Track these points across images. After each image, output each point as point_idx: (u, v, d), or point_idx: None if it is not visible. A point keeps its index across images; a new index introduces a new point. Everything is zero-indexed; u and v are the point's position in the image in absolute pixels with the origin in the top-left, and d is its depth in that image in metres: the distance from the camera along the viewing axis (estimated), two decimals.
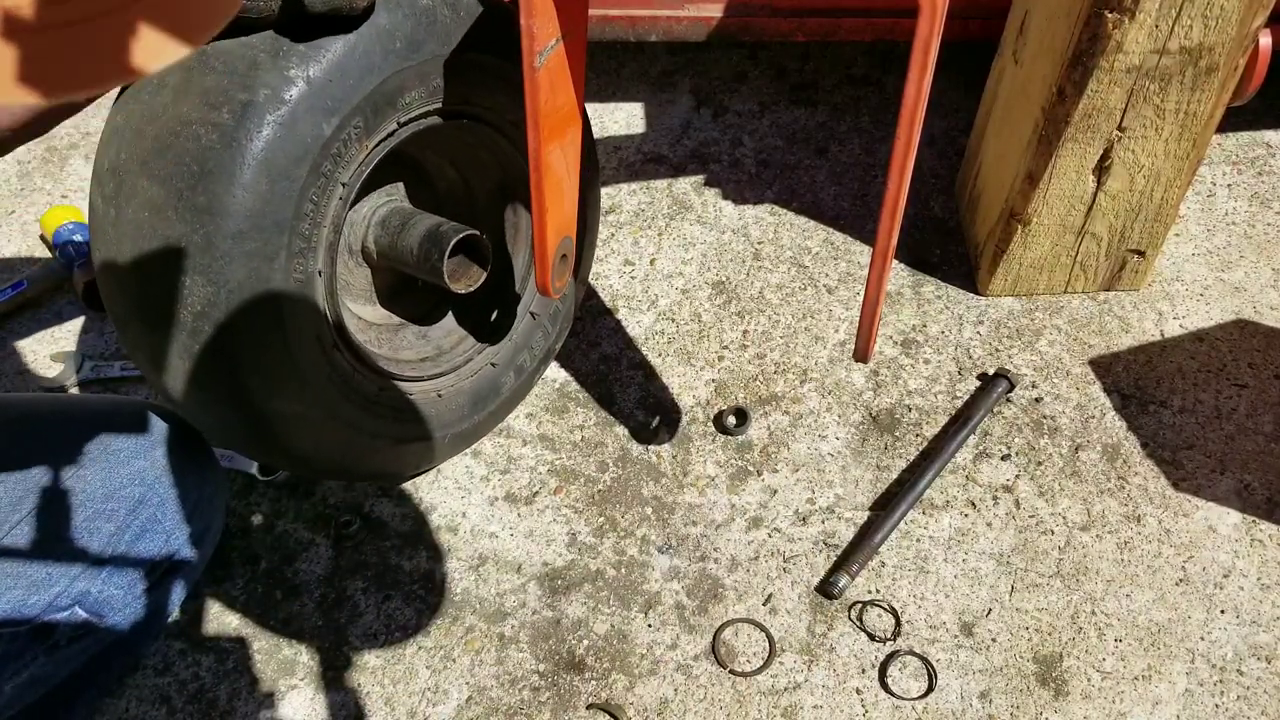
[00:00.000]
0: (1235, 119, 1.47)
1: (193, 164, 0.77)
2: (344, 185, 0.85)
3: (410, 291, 1.08)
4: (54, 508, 0.84)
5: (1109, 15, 0.99)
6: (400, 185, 1.02)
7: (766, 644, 1.00)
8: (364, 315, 1.03)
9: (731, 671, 0.98)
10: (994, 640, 1.00)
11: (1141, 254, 1.24)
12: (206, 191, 0.77)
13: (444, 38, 0.87)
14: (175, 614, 0.97)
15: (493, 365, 1.09)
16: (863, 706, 0.96)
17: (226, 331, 0.80)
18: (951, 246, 1.35)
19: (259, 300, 0.81)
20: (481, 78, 0.92)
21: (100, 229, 0.80)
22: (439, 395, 1.04)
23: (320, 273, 0.86)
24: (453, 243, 0.92)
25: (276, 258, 0.81)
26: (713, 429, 1.16)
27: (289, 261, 0.82)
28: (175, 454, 0.90)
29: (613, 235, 1.38)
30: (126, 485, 0.86)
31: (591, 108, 1.56)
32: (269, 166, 0.77)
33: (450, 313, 1.10)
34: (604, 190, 1.44)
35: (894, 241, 0.87)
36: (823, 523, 1.09)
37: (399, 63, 0.84)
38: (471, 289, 0.97)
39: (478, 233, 0.95)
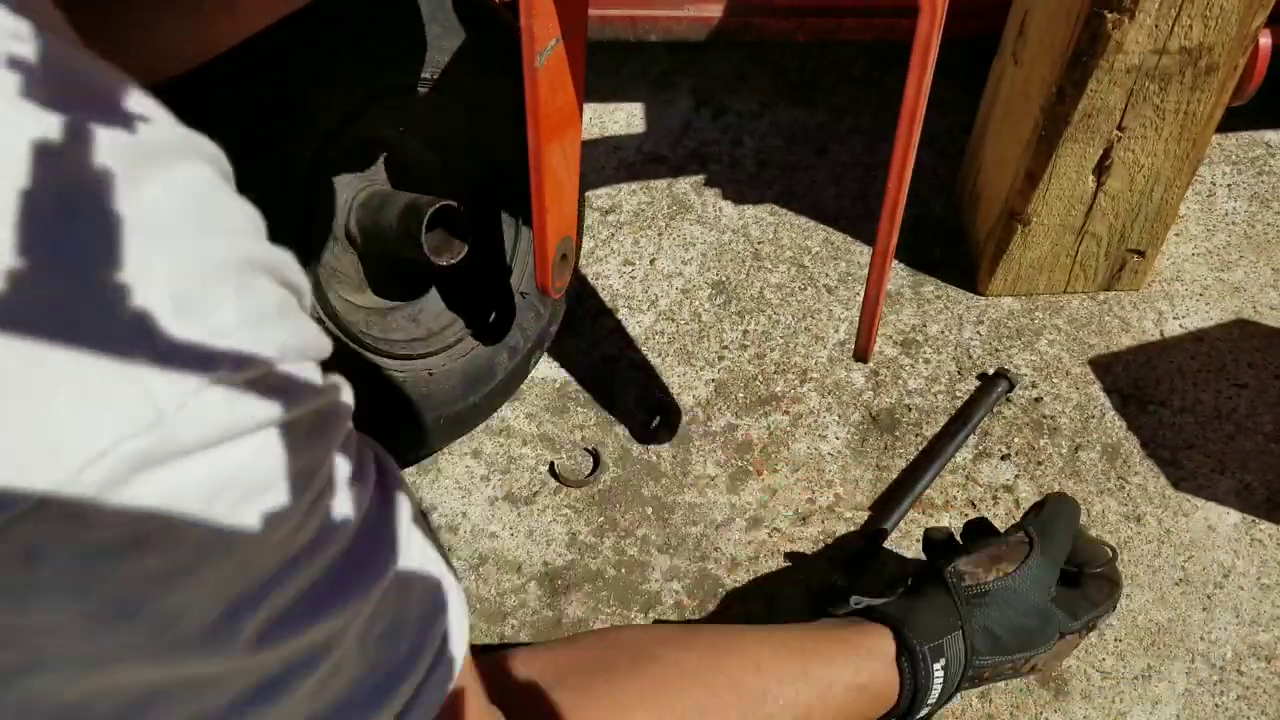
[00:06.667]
0: (1235, 119, 1.47)
1: None
2: None
3: (399, 275, 1.09)
4: None
5: (1109, 15, 0.99)
6: (381, 169, 1.03)
7: None
8: (353, 300, 1.04)
9: None
10: None
11: (1141, 254, 1.24)
12: None
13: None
14: None
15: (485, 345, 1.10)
16: None
17: None
18: (951, 246, 1.36)
19: None
20: (453, 55, 0.93)
21: None
22: (430, 374, 1.05)
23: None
24: (429, 212, 0.94)
25: None
26: (712, 429, 1.16)
27: None
28: None
29: (613, 235, 1.38)
30: None
31: (591, 108, 1.56)
32: None
33: (440, 293, 1.11)
34: (604, 190, 1.44)
35: (894, 241, 0.87)
36: (823, 523, 1.09)
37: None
38: (454, 262, 0.98)
39: (454, 204, 0.96)
